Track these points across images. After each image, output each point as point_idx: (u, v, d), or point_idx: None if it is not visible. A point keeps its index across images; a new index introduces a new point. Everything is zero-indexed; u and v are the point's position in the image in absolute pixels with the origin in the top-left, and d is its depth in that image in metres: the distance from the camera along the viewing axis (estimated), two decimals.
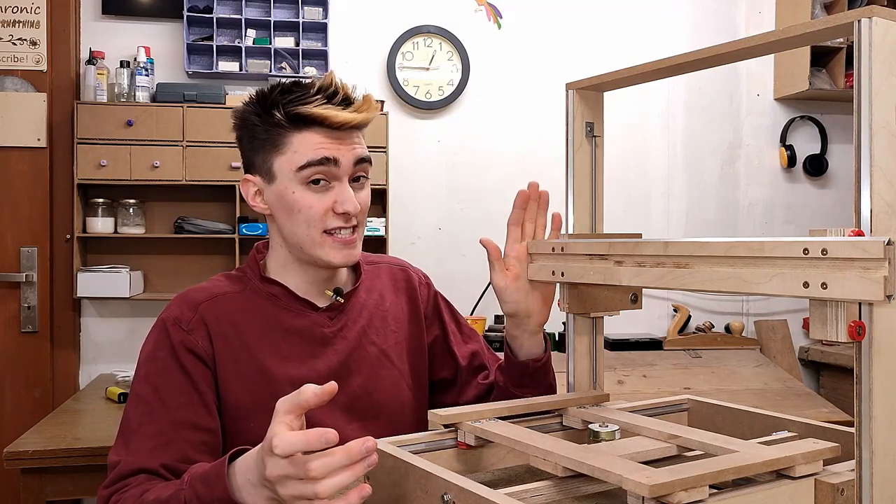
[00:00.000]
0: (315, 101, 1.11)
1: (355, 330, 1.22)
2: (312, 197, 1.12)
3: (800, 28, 0.78)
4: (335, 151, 1.11)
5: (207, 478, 0.91)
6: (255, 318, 1.16)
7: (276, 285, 1.19)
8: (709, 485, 0.70)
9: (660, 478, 0.68)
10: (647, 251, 0.87)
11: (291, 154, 1.12)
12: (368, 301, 1.26)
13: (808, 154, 3.47)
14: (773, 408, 1.44)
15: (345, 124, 1.11)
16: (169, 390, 1.08)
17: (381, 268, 1.33)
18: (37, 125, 2.85)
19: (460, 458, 0.94)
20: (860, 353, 0.69)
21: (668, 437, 0.87)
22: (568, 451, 0.79)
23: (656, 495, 0.67)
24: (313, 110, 1.10)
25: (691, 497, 0.68)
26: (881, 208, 0.68)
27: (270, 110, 1.13)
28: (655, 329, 3.33)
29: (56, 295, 2.90)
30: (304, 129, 1.11)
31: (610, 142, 1.16)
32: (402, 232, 3.16)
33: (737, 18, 3.45)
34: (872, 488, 0.70)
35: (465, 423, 0.94)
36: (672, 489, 0.67)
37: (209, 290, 1.18)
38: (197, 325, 1.12)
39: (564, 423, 1.02)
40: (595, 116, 1.10)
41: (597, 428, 0.92)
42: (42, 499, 1.98)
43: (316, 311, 1.19)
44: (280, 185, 1.14)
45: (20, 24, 2.85)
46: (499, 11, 3.26)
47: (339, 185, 1.13)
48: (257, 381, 1.13)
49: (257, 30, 3.00)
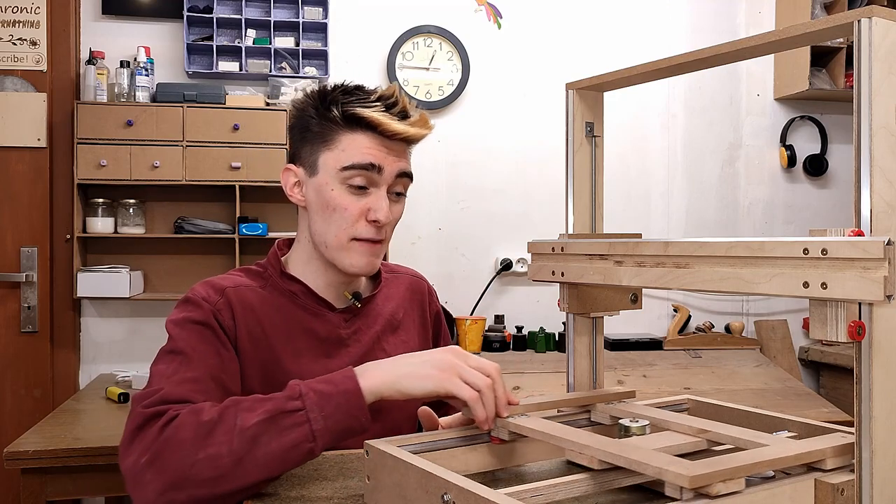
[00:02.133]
0: (374, 106, 1.12)
1: (370, 335, 1.23)
2: (350, 199, 1.13)
3: (800, 28, 0.78)
4: (381, 159, 1.13)
5: (326, 379, 0.95)
6: (274, 312, 1.17)
7: (296, 282, 1.20)
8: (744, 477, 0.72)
9: (699, 469, 0.70)
10: (647, 251, 0.87)
11: (339, 152, 1.13)
12: (384, 309, 1.28)
13: (808, 154, 3.47)
14: (773, 408, 1.44)
15: (397, 135, 1.13)
16: (203, 350, 1.07)
17: (401, 278, 1.35)
18: (37, 125, 2.85)
19: (493, 453, 0.96)
20: (860, 353, 0.69)
21: (698, 432, 0.89)
22: (604, 445, 0.80)
23: (696, 486, 0.69)
24: (370, 114, 1.11)
25: (728, 488, 0.70)
26: (881, 208, 0.68)
27: (329, 106, 1.14)
28: (655, 329, 3.33)
29: (56, 295, 2.90)
30: (356, 131, 1.13)
31: (610, 142, 1.16)
32: (402, 232, 3.16)
33: (737, 18, 3.45)
34: (872, 488, 0.70)
35: (497, 418, 0.96)
36: (711, 480, 0.69)
37: (229, 281, 1.18)
38: (223, 307, 1.12)
39: (592, 419, 1.04)
40: (595, 116, 1.10)
41: (627, 423, 0.93)
42: (42, 499, 1.98)
43: (333, 312, 1.21)
44: (321, 179, 1.15)
45: (20, 24, 2.85)
46: (499, 11, 3.26)
47: (376, 192, 1.14)
48: (272, 372, 1.13)
49: (257, 30, 3.00)
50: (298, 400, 0.92)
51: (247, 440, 0.90)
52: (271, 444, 0.90)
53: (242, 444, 0.89)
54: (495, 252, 3.23)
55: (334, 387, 0.94)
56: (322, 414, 0.91)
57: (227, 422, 0.91)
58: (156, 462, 0.90)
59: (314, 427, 0.91)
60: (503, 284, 3.22)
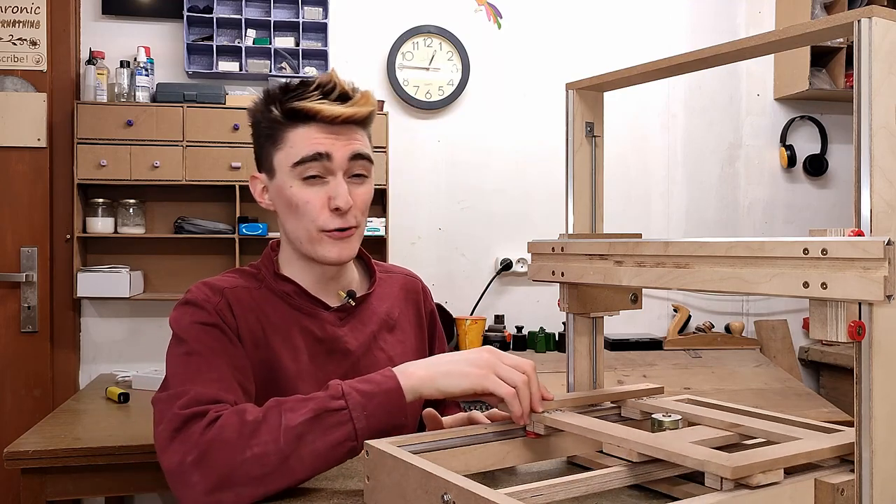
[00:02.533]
0: (312, 96, 1.12)
1: (366, 333, 1.23)
2: (308, 192, 1.13)
3: (800, 28, 0.78)
4: (329, 146, 1.12)
5: (366, 379, 0.97)
6: (271, 312, 1.17)
7: (290, 283, 1.20)
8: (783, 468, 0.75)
9: (740, 461, 0.72)
10: (647, 251, 0.87)
11: (288, 149, 1.13)
12: (379, 309, 1.27)
13: (808, 154, 3.47)
14: (773, 408, 1.44)
15: (337, 118, 1.12)
16: (219, 349, 1.08)
17: (396, 277, 1.35)
18: (37, 125, 2.85)
19: (529, 447, 0.98)
20: (860, 353, 0.69)
21: (730, 426, 0.91)
22: (642, 438, 0.83)
23: (738, 477, 0.71)
24: (308, 105, 1.11)
25: (768, 479, 0.73)
26: (881, 208, 0.68)
27: (271, 107, 1.14)
28: (655, 329, 3.33)
29: (56, 295, 2.90)
30: (300, 125, 1.13)
31: (610, 142, 1.16)
32: (402, 232, 3.16)
33: (737, 18, 3.45)
34: (872, 488, 0.70)
35: (533, 413, 0.98)
36: (752, 471, 0.72)
37: (228, 280, 1.19)
38: (224, 307, 1.12)
39: (623, 414, 1.05)
40: (595, 116, 1.10)
41: (660, 417, 0.94)
42: (42, 499, 1.98)
43: (327, 311, 1.21)
44: (280, 180, 1.15)
45: (20, 24, 2.85)
46: (499, 11, 3.26)
47: (333, 179, 1.14)
48: (270, 371, 1.14)
49: (257, 30, 3.00)
50: (341, 399, 0.94)
51: (292, 438, 0.92)
52: (316, 442, 0.92)
53: (289, 443, 0.91)
54: (495, 252, 3.23)
55: (376, 386, 0.96)
56: (364, 413, 0.94)
57: (272, 421, 0.93)
58: (203, 462, 0.91)
59: (357, 426, 0.93)
60: (503, 284, 3.22)
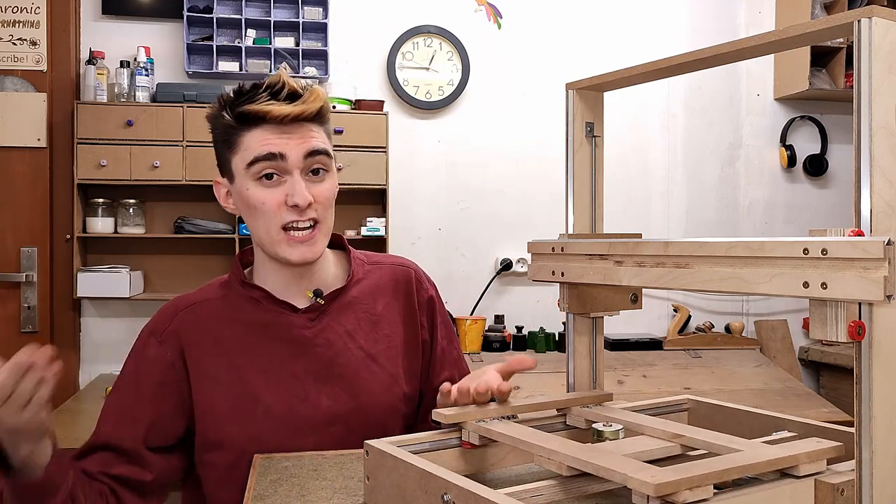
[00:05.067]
0: (260, 98, 1.13)
1: (339, 332, 1.21)
2: (265, 192, 1.14)
3: (800, 28, 0.78)
4: (282, 146, 1.12)
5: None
6: (235, 323, 1.18)
7: (256, 289, 1.20)
8: (713, 484, 0.70)
9: (665, 477, 0.68)
10: (647, 251, 0.87)
11: (242, 152, 1.14)
12: (358, 303, 1.24)
13: (808, 154, 3.47)
14: (773, 408, 1.44)
15: (286, 116, 1.12)
16: (143, 382, 1.18)
17: (384, 268, 1.31)
18: (37, 125, 2.85)
19: (464, 458, 0.94)
20: (860, 353, 0.69)
21: (672, 437, 0.87)
22: (572, 451, 0.79)
23: (661, 494, 0.67)
24: (256, 107, 1.12)
25: (696, 496, 0.68)
26: (881, 208, 0.68)
27: (222, 112, 1.15)
28: (655, 329, 3.33)
29: (56, 295, 2.90)
30: (251, 128, 1.13)
31: (610, 142, 1.16)
32: (402, 232, 3.16)
33: (737, 18, 3.45)
34: (872, 488, 0.69)
35: (469, 422, 0.94)
36: (677, 488, 0.67)
37: (194, 297, 1.23)
38: (169, 337, 1.18)
39: (568, 422, 1.02)
40: (595, 116, 1.09)
41: (601, 427, 0.92)
42: None
43: (295, 313, 1.20)
44: (238, 183, 1.16)
45: (20, 24, 2.85)
46: (499, 11, 3.26)
47: (290, 178, 1.14)
48: (235, 386, 1.15)
49: (257, 30, 3.00)
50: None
51: None
52: None
53: None
54: (495, 252, 3.23)
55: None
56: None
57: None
58: None
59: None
60: (503, 284, 3.22)
